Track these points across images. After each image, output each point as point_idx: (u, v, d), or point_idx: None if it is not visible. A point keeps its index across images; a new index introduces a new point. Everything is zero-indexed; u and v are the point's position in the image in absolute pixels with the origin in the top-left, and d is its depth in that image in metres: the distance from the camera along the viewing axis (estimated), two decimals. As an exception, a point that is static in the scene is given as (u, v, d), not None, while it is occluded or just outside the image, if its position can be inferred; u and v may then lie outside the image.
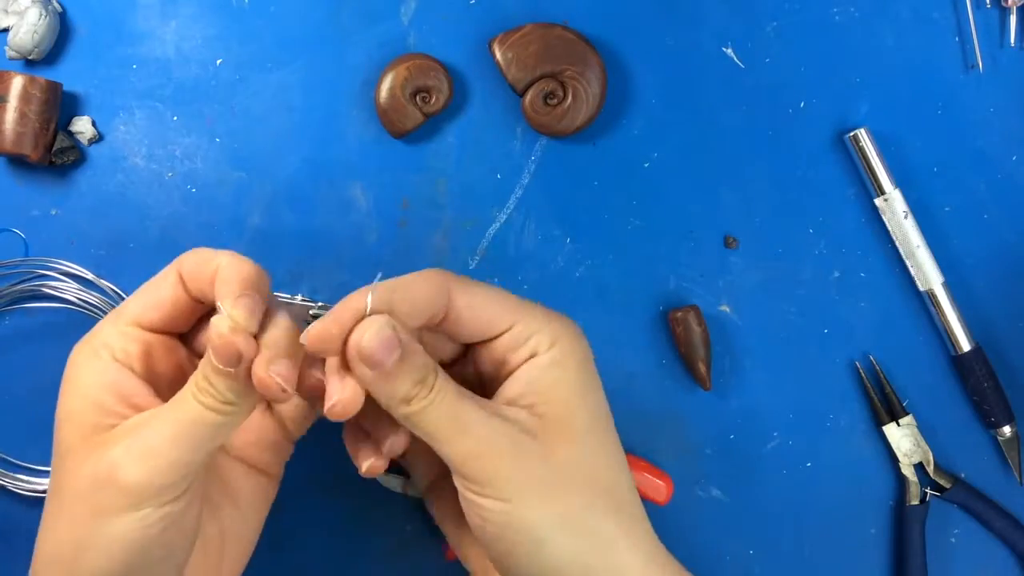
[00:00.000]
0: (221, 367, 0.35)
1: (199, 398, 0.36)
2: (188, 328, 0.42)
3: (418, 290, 0.38)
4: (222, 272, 0.37)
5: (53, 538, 0.37)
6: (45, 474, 0.52)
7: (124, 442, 0.36)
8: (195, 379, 0.36)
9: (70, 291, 0.51)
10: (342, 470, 0.53)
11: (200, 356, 0.41)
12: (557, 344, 0.40)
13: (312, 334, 0.36)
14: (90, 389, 0.38)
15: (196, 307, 0.40)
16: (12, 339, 0.52)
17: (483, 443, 0.37)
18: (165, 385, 0.40)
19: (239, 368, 0.35)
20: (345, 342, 0.36)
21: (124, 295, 0.52)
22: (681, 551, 0.55)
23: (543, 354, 0.39)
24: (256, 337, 0.36)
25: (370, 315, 0.36)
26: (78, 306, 0.51)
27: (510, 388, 0.40)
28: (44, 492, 0.50)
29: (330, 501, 0.53)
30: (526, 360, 0.40)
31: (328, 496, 0.53)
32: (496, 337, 0.40)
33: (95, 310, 0.51)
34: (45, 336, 0.52)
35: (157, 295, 0.40)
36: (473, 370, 0.43)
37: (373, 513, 0.53)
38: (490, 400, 0.40)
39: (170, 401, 0.37)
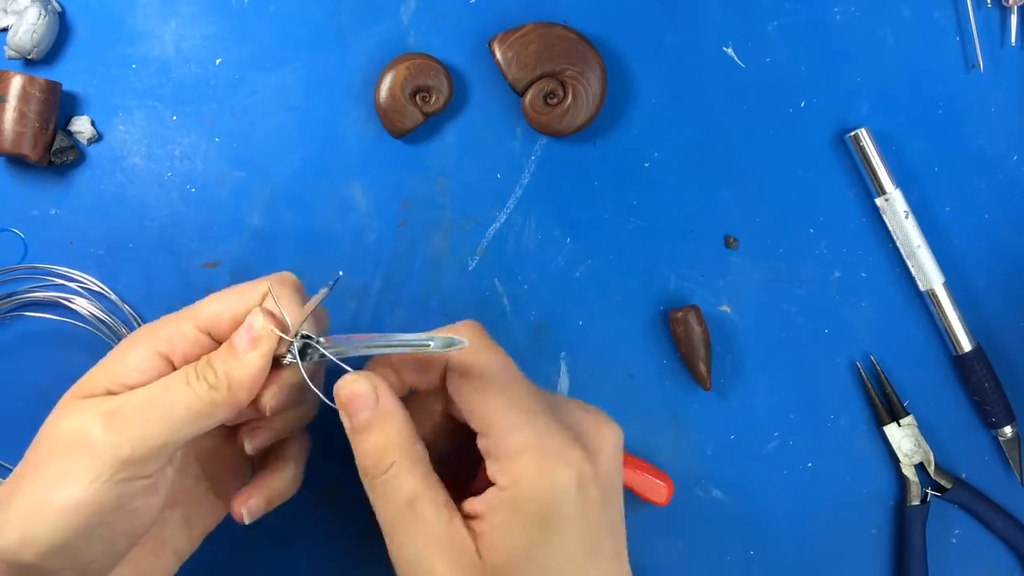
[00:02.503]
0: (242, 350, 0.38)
1: (194, 384, 0.37)
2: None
3: (408, 358, 0.39)
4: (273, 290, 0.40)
5: (18, 496, 0.36)
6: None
7: (105, 405, 0.36)
8: (196, 366, 0.37)
9: (79, 305, 0.51)
10: (341, 472, 0.53)
11: None
12: (516, 485, 0.35)
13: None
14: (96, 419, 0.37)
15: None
16: (9, 345, 0.52)
17: (410, 565, 0.36)
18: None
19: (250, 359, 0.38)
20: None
21: (131, 310, 0.52)
22: (681, 551, 0.55)
23: (499, 489, 0.36)
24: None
25: (367, 369, 0.39)
26: (87, 322, 0.51)
27: (476, 502, 0.37)
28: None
29: (329, 502, 0.53)
30: (492, 481, 0.36)
31: (327, 497, 0.53)
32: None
33: (104, 328, 0.51)
34: (41, 343, 0.52)
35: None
36: None
37: (372, 513, 0.53)
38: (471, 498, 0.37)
39: (158, 382, 0.38)
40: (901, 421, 0.55)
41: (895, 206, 0.54)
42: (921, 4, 0.55)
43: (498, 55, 0.52)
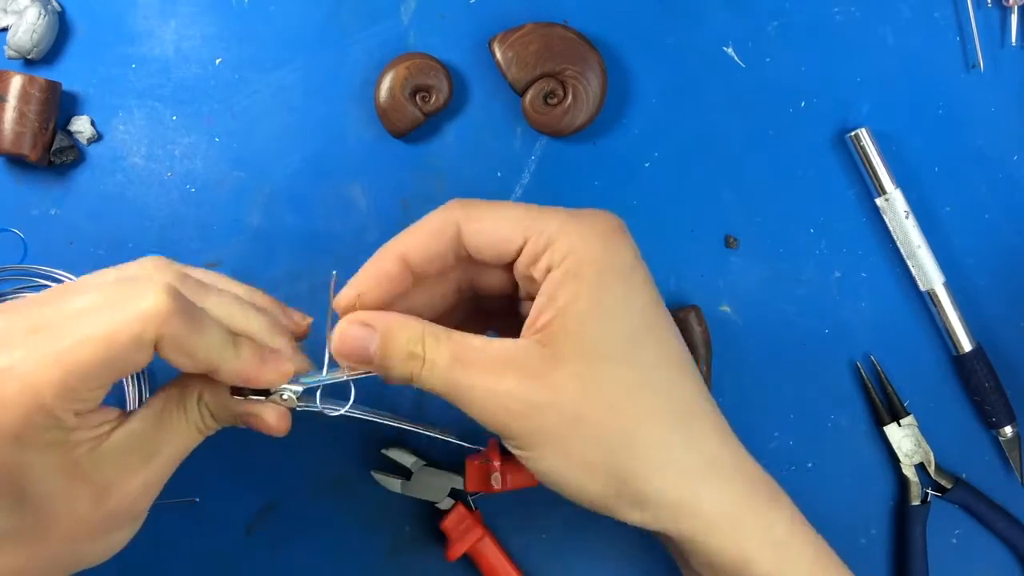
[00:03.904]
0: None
1: (200, 427, 0.40)
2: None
3: (421, 238, 0.39)
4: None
5: (35, 558, 0.37)
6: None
7: (140, 480, 0.38)
8: (204, 422, 0.40)
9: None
10: (341, 470, 0.53)
11: None
12: (572, 253, 0.37)
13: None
14: (61, 438, 0.35)
15: None
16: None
17: (485, 406, 0.37)
18: None
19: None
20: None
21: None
22: (681, 551, 0.54)
23: (557, 268, 0.37)
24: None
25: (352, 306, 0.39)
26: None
27: (532, 313, 0.38)
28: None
29: (330, 501, 0.53)
30: (545, 277, 0.38)
31: (328, 496, 0.53)
32: (518, 257, 0.39)
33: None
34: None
35: (125, 363, 0.35)
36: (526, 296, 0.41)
37: (373, 513, 0.53)
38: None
39: (166, 432, 0.39)
40: (901, 421, 0.55)
41: (895, 206, 0.54)
42: (921, 4, 0.55)
43: (498, 55, 0.52)
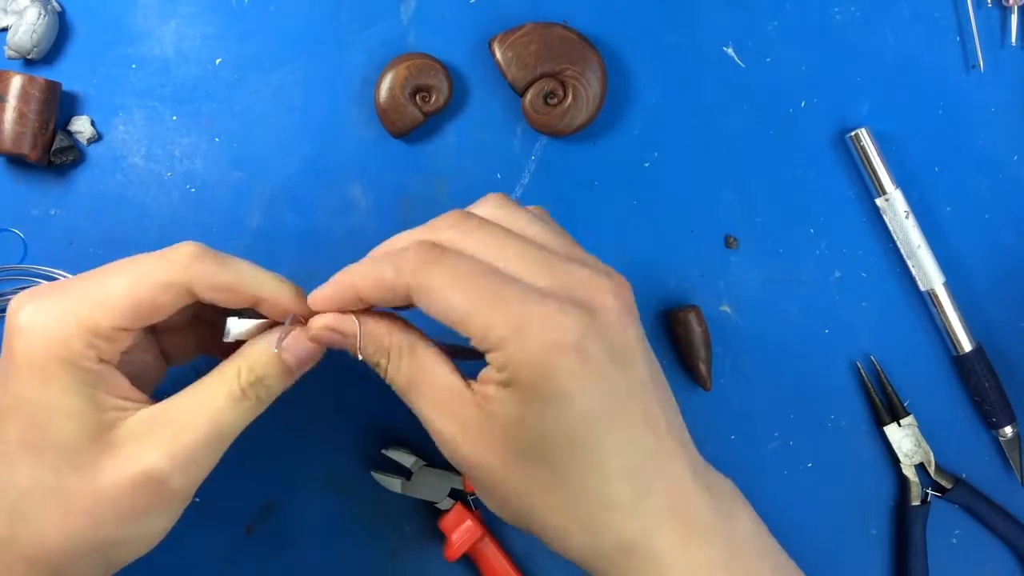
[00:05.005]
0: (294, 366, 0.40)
1: (244, 400, 0.39)
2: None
3: (375, 288, 0.38)
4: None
5: (68, 534, 0.37)
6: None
7: (166, 450, 0.37)
8: (240, 382, 0.39)
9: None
10: (341, 470, 0.53)
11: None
12: (508, 367, 0.35)
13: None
14: (85, 388, 0.37)
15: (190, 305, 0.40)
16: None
17: (432, 431, 0.38)
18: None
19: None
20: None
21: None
22: (681, 552, 0.54)
23: (492, 378, 0.36)
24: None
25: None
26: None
27: (481, 376, 0.37)
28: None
29: (330, 501, 0.53)
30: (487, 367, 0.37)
31: (328, 496, 0.53)
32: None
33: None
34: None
35: (151, 304, 0.37)
36: None
37: (373, 513, 0.53)
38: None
39: (200, 402, 0.38)
40: (901, 421, 0.55)
41: (895, 206, 0.54)
42: (921, 4, 0.55)
43: (498, 55, 0.52)
